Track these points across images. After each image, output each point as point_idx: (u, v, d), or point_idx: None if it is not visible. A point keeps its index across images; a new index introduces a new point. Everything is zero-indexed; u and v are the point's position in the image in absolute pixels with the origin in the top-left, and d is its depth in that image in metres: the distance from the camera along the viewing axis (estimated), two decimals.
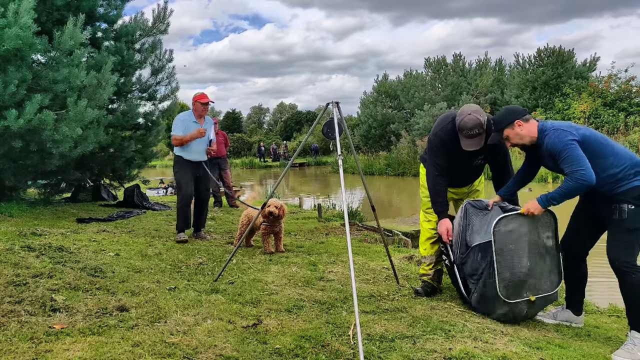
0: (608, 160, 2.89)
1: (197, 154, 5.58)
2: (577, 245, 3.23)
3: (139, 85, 8.68)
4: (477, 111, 3.29)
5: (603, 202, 2.96)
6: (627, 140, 17.00)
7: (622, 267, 2.86)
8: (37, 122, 5.72)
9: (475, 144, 3.29)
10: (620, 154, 2.93)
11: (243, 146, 46.04)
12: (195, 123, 5.58)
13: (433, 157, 3.57)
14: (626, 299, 2.92)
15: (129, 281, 3.64)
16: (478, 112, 3.28)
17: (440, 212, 3.55)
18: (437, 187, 3.54)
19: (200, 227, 5.86)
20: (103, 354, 2.35)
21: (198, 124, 5.58)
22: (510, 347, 2.76)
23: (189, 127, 5.51)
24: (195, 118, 5.61)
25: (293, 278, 4.08)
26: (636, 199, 2.84)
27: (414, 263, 4.86)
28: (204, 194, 5.81)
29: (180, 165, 5.60)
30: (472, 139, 3.28)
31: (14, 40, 5.42)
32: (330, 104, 3.63)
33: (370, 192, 4.37)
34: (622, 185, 2.86)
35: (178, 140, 5.52)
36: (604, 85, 22.25)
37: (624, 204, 2.85)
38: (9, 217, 6.23)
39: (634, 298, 2.87)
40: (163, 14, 8.63)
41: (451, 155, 3.47)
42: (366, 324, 3.01)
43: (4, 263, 3.66)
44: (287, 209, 6.19)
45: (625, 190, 2.85)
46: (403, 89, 31.85)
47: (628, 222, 2.85)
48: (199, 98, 5.58)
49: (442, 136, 3.49)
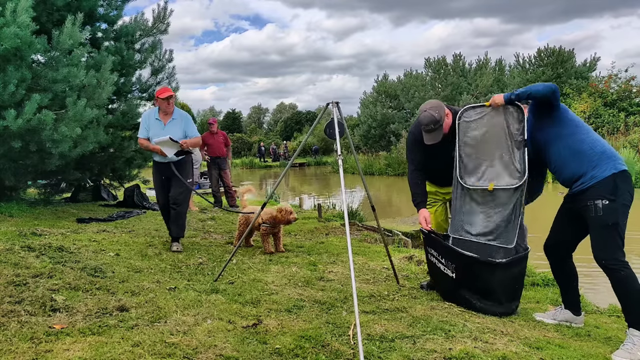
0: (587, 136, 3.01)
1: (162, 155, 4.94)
2: (560, 246, 3.23)
3: (139, 85, 8.69)
4: (434, 107, 3.49)
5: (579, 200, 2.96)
6: (627, 140, 17.00)
7: (609, 265, 2.83)
8: (36, 122, 5.72)
9: (432, 138, 3.49)
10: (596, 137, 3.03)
11: (243, 146, 46.08)
12: (158, 121, 4.99)
13: (410, 154, 3.80)
14: (619, 297, 2.89)
15: (129, 281, 3.64)
16: (435, 108, 3.48)
17: (418, 203, 3.72)
18: (415, 180, 3.72)
19: (174, 235, 5.06)
20: (103, 354, 2.35)
21: (161, 122, 4.98)
22: (510, 347, 2.76)
23: (150, 126, 4.98)
24: (159, 115, 5.00)
25: (293, 278, 4.08)
26: (610, 194, 2.83)
27: (414, 263, 4.87)
28: (173, 198, 5.00)
29: (153, 169, 5.17)
30: (430, 134, 3.49)
31: (13, 40, 5.42)
32: (331, 104, 3.63)
33: (370, 192, 4.37)
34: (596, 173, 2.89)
35: (142, 145, 5.08)
36: (604, 85, 22.26)
37: (598, 200, 2.85)
38: (9, 217, 6.23)
39: (625, 295, 2.84)
40: (163, 14, 8.63)
41: (426, 149, 3.63)
42: (366, 324, 3.00)
43: (4, 263, 3.66)
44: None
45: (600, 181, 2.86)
46: (403, 89, 31.84)
47: (604, 218, 2.83)
48: (159, 93, 4.97)
49: (415, 132, 3.71)
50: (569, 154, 3.00)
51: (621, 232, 2.84)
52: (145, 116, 5.10)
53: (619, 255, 2.82)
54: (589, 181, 2.91)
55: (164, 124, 4.98)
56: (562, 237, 3.22)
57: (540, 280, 4.55)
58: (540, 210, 4.77)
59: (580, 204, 2.96)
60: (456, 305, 3.50)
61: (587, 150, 2.95)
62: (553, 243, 3.27)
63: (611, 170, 2.87)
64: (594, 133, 3.06)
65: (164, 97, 4.89)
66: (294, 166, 33.90)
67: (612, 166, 2.89)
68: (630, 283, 2.80)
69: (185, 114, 5.12)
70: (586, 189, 2.92)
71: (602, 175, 2.88)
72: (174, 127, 4.97)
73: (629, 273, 2.80)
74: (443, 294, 3.69)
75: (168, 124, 4.97)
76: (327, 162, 35.82)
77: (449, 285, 3.57)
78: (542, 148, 3.17)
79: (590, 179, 2.90)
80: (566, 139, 3.01)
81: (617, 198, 2.84)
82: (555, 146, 3.07)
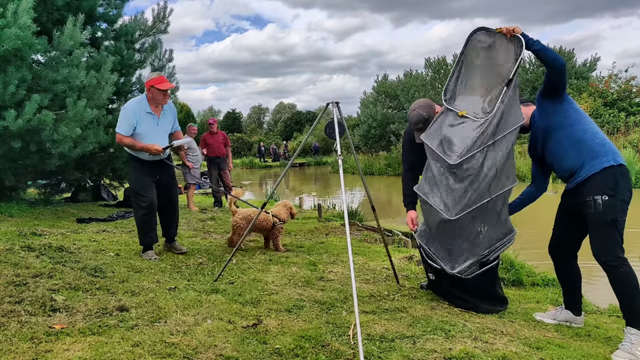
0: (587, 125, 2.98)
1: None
2: (563, 247, 3.22)
3: (139, 85, 8.69)
4: (423, 107, 3.55)
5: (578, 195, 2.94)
6: (627, 140, 17.00)
7: (609, 262, 2.81)
8: (36, 122, 5.72)
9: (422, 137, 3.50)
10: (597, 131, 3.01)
11: (243, 146, 46.09)
12: (150, 115, 4.34)
13: (404, 155, 3.89)
14: (617, 294, 2.87)
15: (129, 281, 3.64)
16: (423, 107, 3.54)
17: (407, 204, 3.83)
18: (406, 181, 3.81)
19: (173, 235, 4.83)
20: (103, 354, 2.35)
21: (154, 115, 4.36)
22: (510, 347, 2.76)
23: (141, 121, 4.30)
24: (151, 108, 4.34)
25: (293, 278, 4.08)
26: (610, 189, 2.82)
27: (414, 263, 4.86)
28: (171, 194, 4.68)
29: (134, 167, 4.48)
30: (419, 132, 3.53)
31: (14, 41, 5.42)
32: (330, 104, 3.63)
33: (370, 192, 4.37)
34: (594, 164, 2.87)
35: (124, 143, 4.32)
36: (604, 85, 22.25)
37: (597, 195, 2.83)
38: (9, 217, 6.24)
39: (624, 292, 2.82)
40: (163, 14, 8.65)
41: (420, 149, 3.64)
42: (366, 324, 3.01)
43: (4, 263, 3.66)
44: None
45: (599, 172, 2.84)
46: (403, 89, 31.82)
47: (604, 214, 2.82)
48: (155, 82, 4.23)
49: (409, 133, 3.77)
50: (570, 144, 2.97)
51: (620, 229, 2.83)
52: (131, 110, 4.29)
53: (618, 252, 2.81)
54: (587, 172, 2.88)
55: (157, 117, 4.40)
56: (563, 236, 3.21)
57: (540, 280, 4.55)
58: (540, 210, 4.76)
59: (579, 199, 2.94)
60: (454, 306, 3.50)
61: (588, 140, 2.93)
62: (555, 243, 3.27)
63: (610, 162, 2.85)
64: (596, 126, 3.04)
65: (163, 88, 4.26)
66: (294, 166, 33.90)
67: (611, 158, 2.87)
68: (628, 280, 2.78)
69: (171, 104, 4.60)
70: (585, 179, 2.89)
71: (601, 166, 2.85)
72: (166, 121, 4.51)
73: (628, 270, 2.79)
74: (438, 294, 3.73)
75: (161, 117, 4.45)
76: (327, 162, 35.81)
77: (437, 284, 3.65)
78: (544, 137, 3.11)
79: (589, 169, 2.88)
80: (568, 129, 2.99)
81: (617, 194, 2.82)
82: (556, 135, 3.03)
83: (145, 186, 4.45)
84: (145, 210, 4.43)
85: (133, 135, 4.33)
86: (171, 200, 4.70)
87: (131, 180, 4.57)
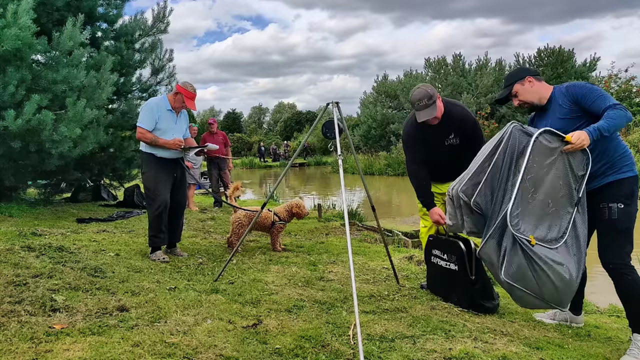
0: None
1: (174, 150, 4.54)
2: None
3: (139, 85, 8.69)
4: (426, 85, 3.52)
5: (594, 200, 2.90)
6: (628, 140, 16.99)
7: (618, 269, 2.79)
8: (36, 122, 5.72)
9: (427, 114, 3.44)
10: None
11: (243, 146, 46.09)
12: (170, 112, 4.55)
13: (408, 153, 3.77)
14: (624, 301, 2.86)
15: (129, 281, 3.64)
16: (426, 85, 3.52)
17: (428, 203, 3.65)
18: (420, 181, 3.66)
19: (176, 241, 4.86)
20: (103, 354, 2.35)
21: (173, 113, 4.58)
22: (510, 347, 2.76)
23: (162, 118, 4.49)
24: (171, 106, 4.57)
25: (293, 278, 4.08)
26: (627, 198, 2.81)
27: (414, 263, 4.87)
28: (180, 198, 4.80)
29: (150, 164, 4.54)
30: (423, 110, 3.44)
31: (14, 41, 5.42)
32: (330, 104, 3.63)
33: (370, 192, 4.37)
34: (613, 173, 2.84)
35: (147, 138, 4.45)
36: (604, 85, 22.24)
37: (613, 203, 2.81)
38: (9, 217, 6.24)
39: (631, 299, 2.81)
40: (163, 14, 8.64)
41: (423, 142, 3.62)
42: (366, 324, 3.01)
43: (4, 263, 3.66)
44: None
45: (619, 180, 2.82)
46: (403, 89, 31.83)
47: (618, 222, 2.80)
48: (186, 94, 4.49)
49: (409, 131, 3.71)
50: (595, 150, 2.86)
51: (631, 237, 2.83)
52: (154, 106, 4.49)
53: (627, 260, 2.80)
54: (605, 180, 2.85)
55: (176, 116, 4.62)
56: None
57: None
58: None
59: (592, 204, 2.90)
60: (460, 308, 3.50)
61: (611, 149, 2.89)
62: None
63: (629, 173, 2.85)
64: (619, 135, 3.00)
65: (186, 104, 4.52)
66: (294, 166, 33.89)
67: (630, 169, 2.86)
68: (636, 288, 2.77)
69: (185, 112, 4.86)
70: (602, 187, 2.86)
71: (619, 176, 2.84)
72: (183, 123, 4.73)
73: (635, 277, 2.78)
74: (444, 294, 3.70)
75: (179, 117, 4.67)
76: (327, 162, 35.82)
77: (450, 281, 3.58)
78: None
79: (608, 177, 2.85)
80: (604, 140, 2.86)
81: (632, 203, 2.82)
82: None
83: (163, 184, 4.53)
84: (159, 209, 4.50)
85: (153, 131, 4.47)
86: (179, 205, 4.77)
87: (148, 178, 4.58)
